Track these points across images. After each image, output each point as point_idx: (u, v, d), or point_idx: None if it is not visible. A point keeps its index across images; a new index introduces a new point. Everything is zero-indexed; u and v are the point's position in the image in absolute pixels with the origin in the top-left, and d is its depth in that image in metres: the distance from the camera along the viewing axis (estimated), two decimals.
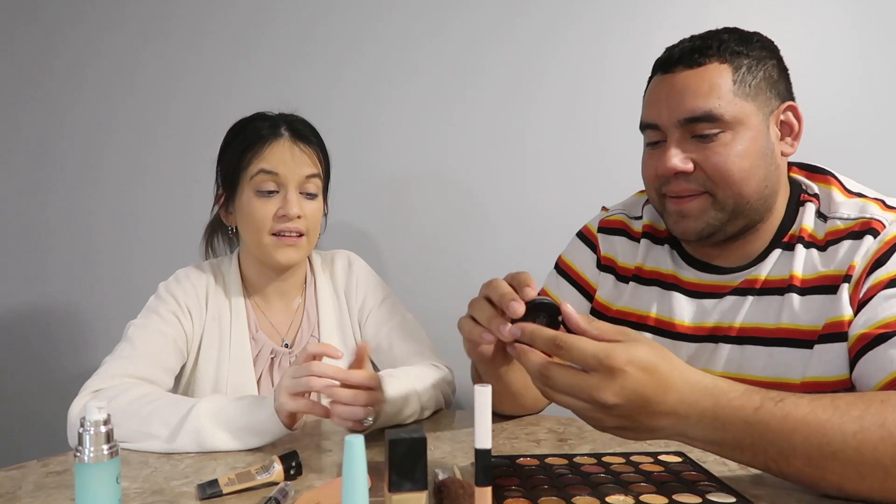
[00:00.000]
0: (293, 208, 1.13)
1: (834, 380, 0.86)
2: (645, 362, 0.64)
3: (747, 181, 0.90)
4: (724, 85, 0.89)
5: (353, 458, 0.52)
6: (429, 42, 1.69)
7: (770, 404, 0.65)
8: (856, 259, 0.86)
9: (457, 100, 1.67)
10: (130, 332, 1.12)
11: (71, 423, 0.98)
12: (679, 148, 0.92)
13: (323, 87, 1.76)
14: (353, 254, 1.32)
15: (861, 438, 0.63)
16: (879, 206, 0.90)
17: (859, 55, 1.44)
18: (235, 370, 1.15)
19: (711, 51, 0.91)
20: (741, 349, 0.93)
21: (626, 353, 0.64)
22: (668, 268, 1.04)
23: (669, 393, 0.65)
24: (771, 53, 0.94)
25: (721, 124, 0.89)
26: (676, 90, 0.92)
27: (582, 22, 1.57)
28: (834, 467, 0.65)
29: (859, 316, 0.84)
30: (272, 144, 1.14)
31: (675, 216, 0.96)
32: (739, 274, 0.97)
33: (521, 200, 1.63)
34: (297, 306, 1.25)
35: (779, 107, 0.93)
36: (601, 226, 1.14)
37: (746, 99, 0.90)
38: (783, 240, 0.95)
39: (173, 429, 0.92)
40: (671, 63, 0.93)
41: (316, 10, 1.78)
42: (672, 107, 0.92)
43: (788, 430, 0.64)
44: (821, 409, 0.65)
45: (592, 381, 0.64)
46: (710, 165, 0.90)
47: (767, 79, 0.92)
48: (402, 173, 1.73)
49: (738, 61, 0.91)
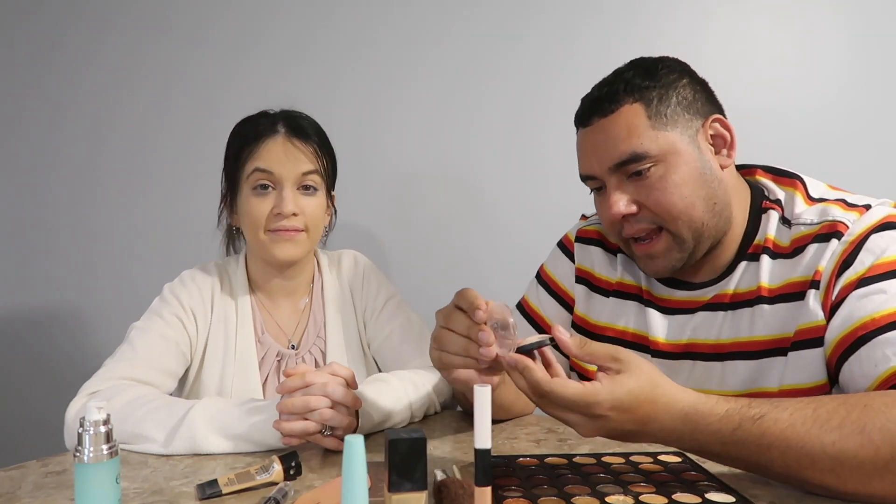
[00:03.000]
0: (288, 205, 1.11)
1: (810, 386, 0.86)
2: (627, 404, 0.68)
3: (693, 206, 0.90)
4: (639, 123, 0.90)
5: (353, 458, 0.52)
6: (437, 41, 1.69)
7: (748, 424, 0.69)
8: (822, 264, 0.86)
9: (465, 99, 1.68)
10: (132, 335, 1.11)
11: (68, 424, 0.98)
12: (619, 191, 0.93)
13: (328, 86, 1.76)
14: (359, 253, 1.32)
15: (840, 447, 0.66)
16: (841, 207, 0.89)
17: (853, 58, 1.45)
18: (241, 373, 1.15)
19: (619, 94, 0.92)
20: (721, 365, 0.94)
21: (608, 402, 0.68)
22: (643, 284, 1.04)
23: (650, 424, 0.70)
24: (679, 75, 0.94)
25: (649, 160, 0.90)
26: (598, 140, 0.94)
27: (591, 21, 1.58)
28: (812, 475, 0.68)
29: (834, 319, 0.84)
30: (266, 142, 1.13)
31: (644, 259, 0.97)
32: (710, 289, 0.97)
33: (528, 199, 1.64)
34: (303, 306, 1.24)
35: (703, 124, 0.93)
36: (578, 235, 1.13)
37: (666, 128, 0.90)
38: (748, 251, 0.95)
39: (169, 432, 0.91)
40: (587, 116, 0.95)
41: (321, 9, 1.78)
42: (599, 156, 0.93)
43: (765, 447, 0.68)
44: (800, 421, 0.68)
45: (573, 419, 0.70)
46: (652, 202, 0.91)
47: (681, 102, 0.92)
48: (409, 172, 1.73)
49: (646, 95, 0.91)
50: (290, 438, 0.88)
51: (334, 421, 0.88)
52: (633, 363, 0.70)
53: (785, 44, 1.48)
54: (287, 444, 0.89)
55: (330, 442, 0.90)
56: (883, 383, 0.78)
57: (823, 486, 0.68)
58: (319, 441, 0.89)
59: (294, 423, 0.87)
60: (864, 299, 0.82)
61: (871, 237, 0.84)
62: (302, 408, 0.87)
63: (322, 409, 0.87)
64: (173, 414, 0.94)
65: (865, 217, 0.86)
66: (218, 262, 1.25)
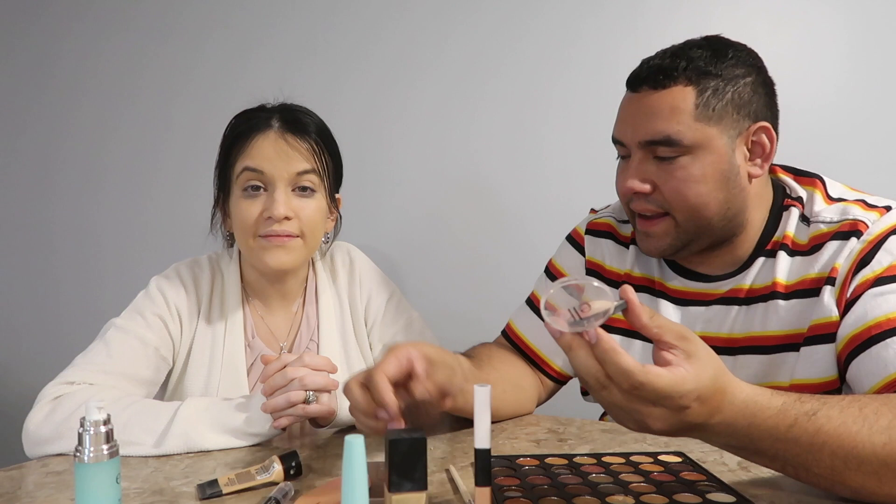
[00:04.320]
0: (279, 208, 1.01)
1: (820, 381, 0.86)
2: (710, 392, 0.61)
3: (706, 205, 0.90)
4: (685, 109, 0.88)
5: (353, 458, 0.52)
6: (440, 41, 1.69)
7: (804, 420, 0.63)
8: (839, 261, 0.86)
9: (468, 98, 1.68)
10: (109, 334, 1.04)
11: (29, 433, 0.92)
12: (640, 167, 0.92)
13: (333, 85, 1.76)
14: (353, 247, 1.24)
15: (890, 450, 0.63)
16: (861, 207, 0.89)
17: (853, 58, 1.45)
18: (227, 378, 1.08)
19: (677, 72, 0.89)
20: (733, 359, 0.93)
21: (696, 391, 0.60)
22: (655, 275, 1.03)
23: (716, 416, 0.63)
24: (747, 71, 0.91)
25: (680, 148, 0.89)
26: (640, 111, 0.92)
27: (592, 22, 1.59)
28: (856, 476, 0.64)
29: (848, 316, 0.84)
30: (257, 139, 1.04)
31: (641, 235, 0.97)
32: (725, 282, 0.97)
33: (534, 197, 1.64)
34: (296, 309, 1.18)
35: (749, 127, 0.91)
36: (589, 228, 1.13)
37: (709, 122, 0.89)
38: (766, 247, 0.95)
39: (160, 433, 0.89)
40: (638, 82, 0.93)
41: (325, 9, 1.78)
42: (635, 127, 0.92)
43: (818, 445, 0.63)
44: (851, 419, 0.64)
45: (655, 412, 0.60)
46: (668, 188, 0.91)
47: (736, 100, 0.89)
48: (413, 170, 1.73)
49: (704, 83, 0.89)
50: (281, 419, 0.89)
51: (314, 383, 0.89)
52: (702, 345, 0.63)
53: (785, 44, 1.48)
54: (278, 426, 0.90)
55: (315, 408, 0.90)
56: (891, 384, 0.78)
57: (861, 489, 0.65)
58: (307, 411, 0.89)
59: (279, 396, 0.88)
60: (880, 298, 0.82)
61: (891, 238, 0.85)
62: (283, 380, 0.89)
63: (301, 376, 0.89)
64: (160, 415, 0.91)
65: (886, 218, 0.87)
66: (211, 256, 1.18)
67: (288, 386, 0.89)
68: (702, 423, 0.62)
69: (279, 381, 0.89)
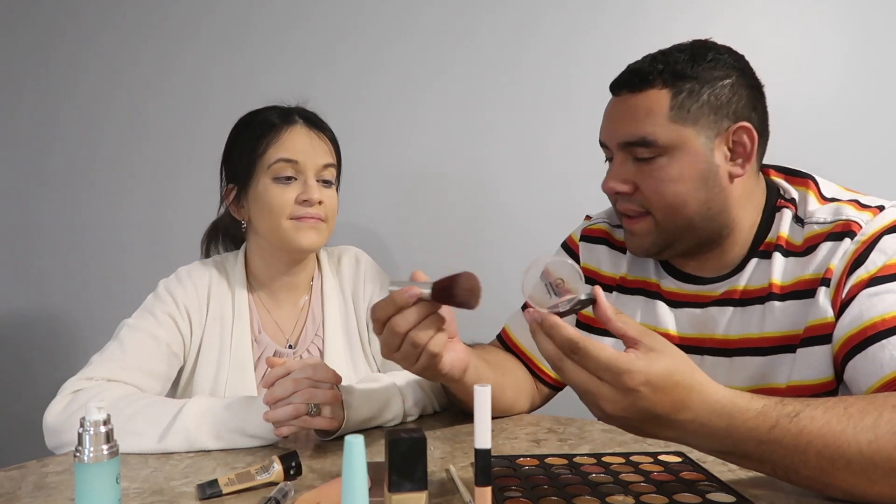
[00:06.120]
0: (314, 193, 1.10)
1: (817, 382, 0.86)
2: (662, 382, 0.62)
3: (684, 204, 0.91)
4: (659, 111, 0.90)
5: (353, 458, 0.52)
6: (445, 43, 1.69)
7: (785, 421, 0.64)
8: (833, 262, 0.86)
9: (470, 98, 1.68)
10: (122, 333, 1.08)
11: (48, 424, 0.95)
12: (621, 168, 0.94)
13: (339, 86, 1.76)
14: (360, 251, 1.29)
15: (875, 448, 0.63)
16: (854, 207, 0.89)
17: (853, 58, 1.45)
18: (235, 374, 1.12)
19: (653, 75, 0.91)
20: (730, 361, 0.94)
21: (643, 374, 0.61)
22: (651, 277, 1.04)
23: (683, 412, 0.64)
24: (726, 73, 0.91)
25: (657, 149, 0.90)
26: (619, 114, 0.94)
27: (594, 24, 1.58)
28: (845, 476, 0.64)
29: (843, 317, 0.84)
30: (289, 131, 1.12)
31: (627, 234, 0.99)
32: (719, 284, 0.97)
33: (537, 199, 1.63)
34: (302, 304, 1.22)
35: (729, 128, 0.91)
36: (583, 234, 1.13)
37: (685, 123, 0.90)
38: (759, 248, 0.95)
39: (163, 428, 0.91)
40: (618, 85, 0.95)
41: (333, 17, 1.77)
42: (615, 129, 0.94)
43: (802, 445, 0.64)
44: (835, 419, 0.64)
45: (603, 390, 0.63)
46: (646, 188, 0.92)
47: (713, 102, 0.90)
48: (416, 171, 1.73)
49: (679, 85, 0.90)
50: (282, 428, 0.89)
51: (317, 397, 0.89)
52: (667, 343, 0.65)
53: (785, 44, 1.48)
54: (280, 435, 0.89)
55: (318, 422, 0.90)
56: (887, 385, 0.78)
57: (851, 489, 0.65)
58: (309, 423, 0.90)
59: (281, 408, 0.88)
60: (875, 298, 0.82)
61: (884, 238, 0.85)
62: (285, 392, 0.88)
63: (304, 389, 0.89)
64: (166, 411, 0.93)
65: (879, 218, 0.87)
66: (216, 258, 1.23)
67: (290, 398, 0.89)
68: (663, 415, 0.63)
69: (281, 392, 0.89)
